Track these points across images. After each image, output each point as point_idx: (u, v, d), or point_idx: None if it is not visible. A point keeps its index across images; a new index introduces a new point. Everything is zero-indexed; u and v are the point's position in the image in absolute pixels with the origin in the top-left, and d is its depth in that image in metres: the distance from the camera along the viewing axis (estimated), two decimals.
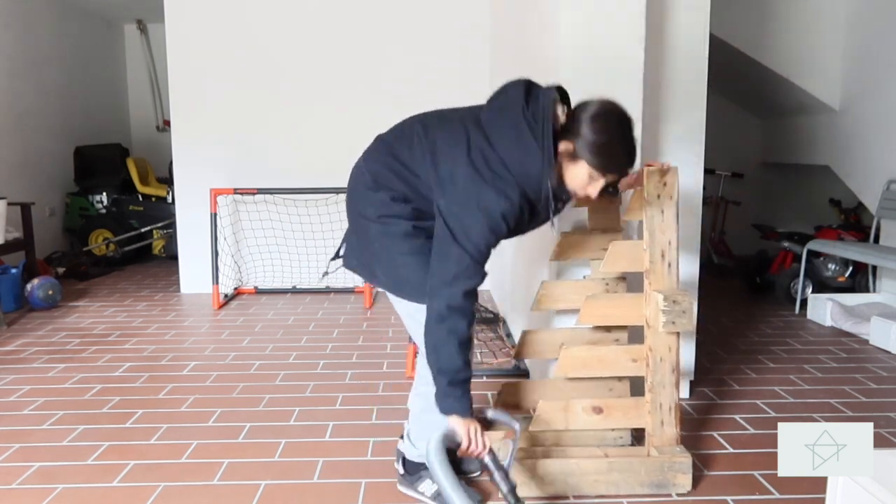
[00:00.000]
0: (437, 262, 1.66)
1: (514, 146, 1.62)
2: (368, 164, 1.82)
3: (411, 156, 1.73)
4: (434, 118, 1.79)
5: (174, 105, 4.79)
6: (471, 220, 1.62)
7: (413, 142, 1.74)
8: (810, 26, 4.39)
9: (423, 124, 1.77)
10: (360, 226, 1.83)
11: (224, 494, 1.97)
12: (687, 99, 2.60)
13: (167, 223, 5.65)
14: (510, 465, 1.76)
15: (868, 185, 4.20)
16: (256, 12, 4.70)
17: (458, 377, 1.67)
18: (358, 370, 3.06)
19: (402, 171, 1.74)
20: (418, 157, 1.72)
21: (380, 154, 1.80)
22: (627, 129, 1.63)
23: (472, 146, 1.66)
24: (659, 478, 1.96)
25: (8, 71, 5.21)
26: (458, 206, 1.64)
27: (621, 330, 2.20)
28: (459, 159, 1.65)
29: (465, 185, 1.63)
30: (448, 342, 1.64)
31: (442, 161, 1.68)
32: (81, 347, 3.43)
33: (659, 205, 1.99)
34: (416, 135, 1.74)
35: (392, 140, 1.81)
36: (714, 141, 3.53)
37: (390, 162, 1.76)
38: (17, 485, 2.02)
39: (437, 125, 1.75)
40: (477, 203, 1.62)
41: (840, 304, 3.82)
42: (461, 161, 1.65)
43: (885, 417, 2.53)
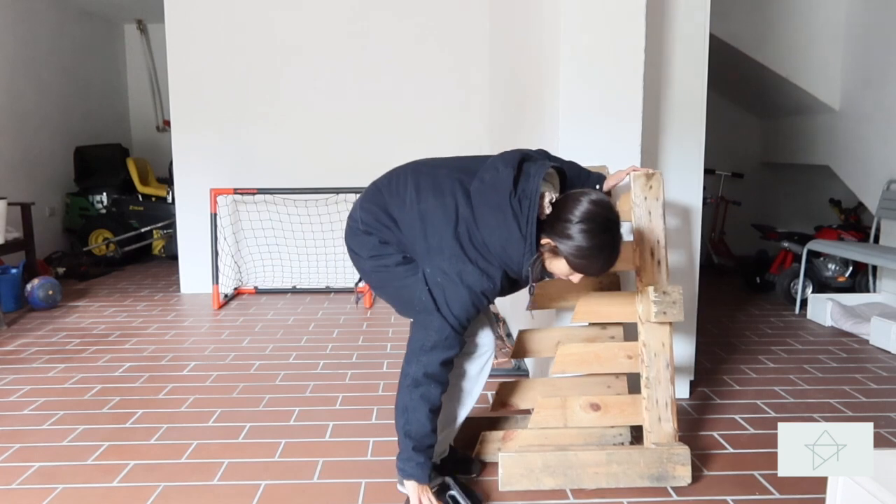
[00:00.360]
0: (417, 330, 1.72)
1: (497, 230, 1.64)
2: (363, 212, 1.86)
3: (401, 216, 1.78)
4: (427, 180, 1.79)
5: (174, 105, 4.78)
6: (454, 293, 1.68)
7: (405, 203, 1.78)
8: (810, 26, 4.39)
9: (417, 187, 1.79)
10: (356, 261, 1.90)
11: (224, 494, 1.97)
12: (687, 99, 2.60)
13: (167, 223, 5.65)
14: None
15: (868, 185, 4.20)
16: (256, 12, 4.70)
17: (424, 443, 1.71)
18: (358, 370, 3.07)
19: (392, 226, 1.80)
20: (408, 221, 1.76)
21: (373, 206, 1.84)
22: (614, 234, 1.61)
23: (460, 221, 1.70)
24: (658, 470, 1.97)
25: (8, 71, 5.21)
26: (443, 277, 1.68)
27: (616, 327, 2.21)
28: (446, 234, 1.69)
29: (451, 260, 1.68)
30: (420, 408, 1.69)
31: (431, 232, 1.72)
32: (81, 347, 3.43)
33: (646, 206, 2.07)
34: (409, 198, 1.77)
35: (386, 195, 1.84)
36: (714, 141, 3.54)
37: (381, 216, 1.81)
38: (17, 485, 2.02)
39: (430, 191, 1.76)
40: (461, 279, 1.67)
41: (840, 304, 3.82)
42: (448, 236, 1.69)
43: (885, 417, 2.53)
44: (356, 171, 4.76)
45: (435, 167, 1.83)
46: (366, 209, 1.85)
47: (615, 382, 2.20)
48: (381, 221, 1.80)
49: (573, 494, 1.95)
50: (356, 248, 1.86)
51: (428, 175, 1.80)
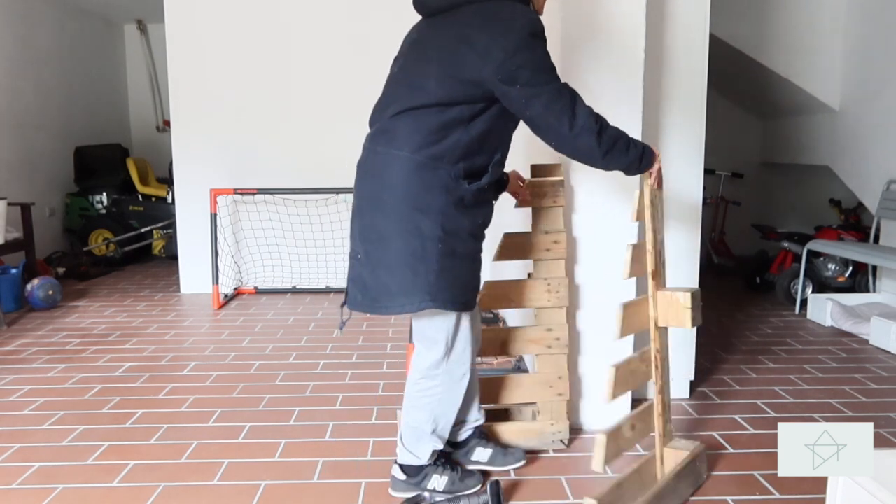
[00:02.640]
0: (549, 116, 1.65)
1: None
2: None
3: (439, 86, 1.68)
4: (409, 59, 1.80)
5: (174, 105, 4.79)
6: (526, 56, 1.62)
7: (429, 72, 1.70)
8: (810, 26, 4.39)
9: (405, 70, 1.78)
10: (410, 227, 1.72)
11: (224, 494, 1.97)
12: (687, 99, 2.60)
13: (167, 223, 5.65)
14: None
15: (868, 185, 4.20)
16: (256, 12, 4.70)
17: (630, 138, 1.75)
18: (358, 370, 3.07)
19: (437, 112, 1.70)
20: (444, 72, 1.67)
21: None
22: None
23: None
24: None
25: (8, 71, 5.21)
26: (511, 51, 1.61)
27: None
28: (475, 25, 1.65)
29: (499, 26, 1.63)
30: (613, 137, 1.70)
31: (466, 50, 1.64)
32: (81, 347, 3.43)
33: (656, 208, 2.01)
34: (426, 74, 1.70)
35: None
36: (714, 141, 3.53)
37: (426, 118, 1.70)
38: (17, 485, 2.02)
39: (420, 54, 1.76)
40: (518, 32, 1.62)
41: (840, 304, 3.82)
42: (476, 25, 1.65)
43: (885, 417, 2.53)
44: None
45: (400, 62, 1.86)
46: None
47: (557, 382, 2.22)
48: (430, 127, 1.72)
49: (572, 494, 1.95)
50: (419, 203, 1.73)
51: (403, 63, 1.83)
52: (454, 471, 1.97)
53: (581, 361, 2.38)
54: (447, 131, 1.68)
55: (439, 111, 1.67)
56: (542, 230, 2.20)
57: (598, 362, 2.37)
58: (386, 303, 1.74)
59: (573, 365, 2.37)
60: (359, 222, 1.79)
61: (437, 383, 1.87)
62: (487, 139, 1.74)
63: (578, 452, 2.23)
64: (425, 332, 1.85)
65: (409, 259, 1.69)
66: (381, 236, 1.72)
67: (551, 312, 2.21)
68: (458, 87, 1.66)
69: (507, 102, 1.68)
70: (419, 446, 1.92)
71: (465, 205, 1.73)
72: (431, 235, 1.69)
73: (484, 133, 1.72)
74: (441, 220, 1.69)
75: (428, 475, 1.93)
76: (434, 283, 1.70)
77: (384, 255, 1.72)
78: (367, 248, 1.76)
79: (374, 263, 1.74)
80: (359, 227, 1.79)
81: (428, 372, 1.87)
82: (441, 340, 1.83)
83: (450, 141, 1.68)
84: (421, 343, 1.88)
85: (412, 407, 1.92)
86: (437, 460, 1.96)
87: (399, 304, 1.72)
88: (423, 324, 1.84)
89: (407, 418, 1.94)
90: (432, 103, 1.67)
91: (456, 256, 1.73)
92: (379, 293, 1.75)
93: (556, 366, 2.22)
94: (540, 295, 2.20)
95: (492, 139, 1.76)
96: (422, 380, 1.89)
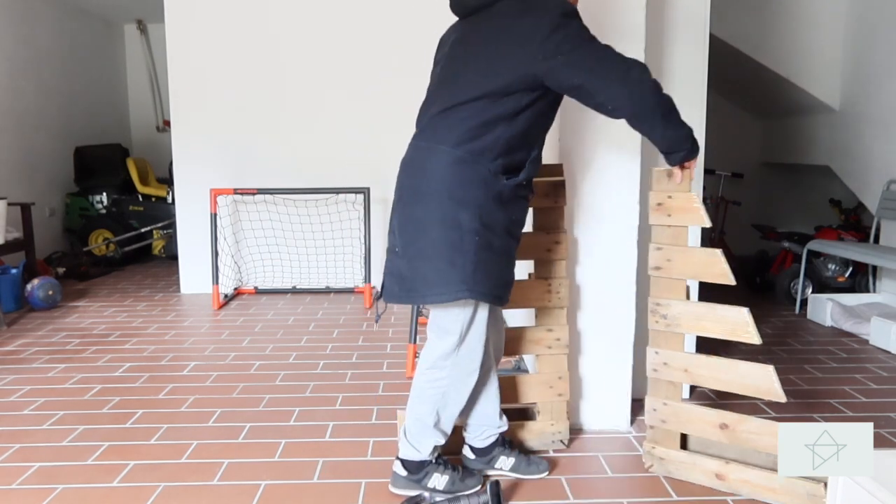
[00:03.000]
0: (598, 76, 1.66)
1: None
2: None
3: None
4: (448, 65, 1.82)
5: (174, 105, 4.79)
6: (563, 31, 1.65)
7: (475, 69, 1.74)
8: (810, 26, 4.39)
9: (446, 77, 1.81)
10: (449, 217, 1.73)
11: (224, 494, 1.97)
12: (687, 99, 2.59)
13: (167, 223, 5.65)
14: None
15: (868, 185, 4.20)
16: (256, 12, 4.70)
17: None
18: (358, 370, 3.07)
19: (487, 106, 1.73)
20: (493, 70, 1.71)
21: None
22: None
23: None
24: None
25: (8, 71, 5.21)
26: (548, 31, 1.64)
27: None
28: (511, 16, 1.68)
29: (533, 13, 1.66)
30: (670, 100, 1.74)
31: (506, 39, 1.68)
32: (81, 347, 3.43)
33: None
34: (469, 78, 1.74)
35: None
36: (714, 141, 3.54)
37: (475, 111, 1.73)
38: (17, 485, 2.02)
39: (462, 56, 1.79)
40: (551, 12, 1.65)
41: (840, 304, 3.82)
42: (512, 15, 1.68)
43: (885, 417, 2.53)
44: (356, 172, 4.77)
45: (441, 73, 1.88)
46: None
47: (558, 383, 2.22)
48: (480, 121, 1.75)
49: (572, 494, 1.95)
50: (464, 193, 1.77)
51: (443, 72, 1.86)
52: (455, 470, 1.97)
53: (581, 362, 2.38)
54: (490, 126, 1.71)
55: (484, 107, 1.70)
56: (542, 230, 2.20)
57: (598, 363, 2.37)
58: (423, 292, 1.75)
59: (573, 365, 2.37)
60: (398, 215, 1.82)
61: (445, 375, 1.87)
62: (528, 135, 1.78)
63: (578, 452, 2.23)
64: (441, 321, 1.85)
65: (448, 250, 1.71)
66: (420, 227, 1.74)
67: (552, 313, 2.21)
68: (503, 78, 1.69)
69: (554, 80, 1.69)
70: (421, 440, 1.92)
71: (502, 200, 1.76)
72: (470, 228, 1.71)
73: (526, 129, 1.76)
74: (479, 213, 1.72)
75: (429, 473, 1.93)
76: (471, 274, 1.72)
77: (422, 246, 1.74)
78: (405, 239, 1.78)
79: (412, 254, 1.76)
80: (398, 219, 1.81)
81: (437, 362, 1.87)
82: (455, 332, 1.83)
83: (492, 136, 1.71)
84: (434, 333, 1.89)
85: (417, 398, 1.93)
86: (439, 458, 1.97)
87: (436, 294, 1.73)
88: (440, 313, 1.84)
89: (412, 410, 1.94)
90: (477, 96, 1.70)
91: (492, 250, 1.76)
92: (416, 283, 1.76)
93: (557, 366, 2.22)
94: (540, 295, 2.19)
95: (532, 135, 1.80)
96: (429, 370, 1.89)
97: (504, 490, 1.93)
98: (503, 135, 1.72)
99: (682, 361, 2.02)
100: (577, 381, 2.39)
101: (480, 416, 2.02)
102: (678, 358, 2.02)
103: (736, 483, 1.94)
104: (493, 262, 1.76)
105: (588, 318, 2.36)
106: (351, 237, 4.83)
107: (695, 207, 1.94)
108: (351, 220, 4.80)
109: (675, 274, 1.99)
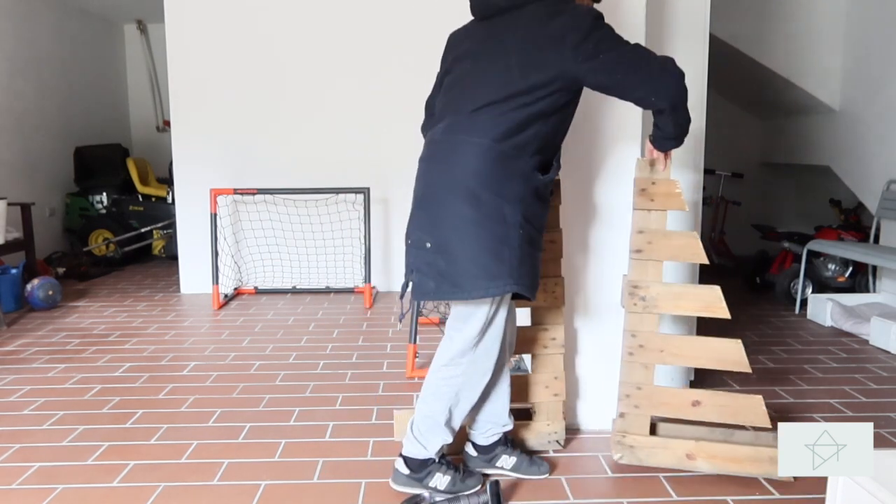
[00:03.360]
0: (637, 68, 1.73)
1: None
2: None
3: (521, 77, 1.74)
4: (468, 70, 1.84)
5: (174, 105, 4.79)
6: (598, 34, 1.70)
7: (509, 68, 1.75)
8: (810, 26, 4.39)
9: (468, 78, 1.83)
10: (489, 212, 1.75)
11: (224, 494, 1.97)
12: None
13: (167, 223, 5.65)
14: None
15: (868, 185, 4.20)
16: (256, 12, 4.70)
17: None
18: (358, 370, 3.06)
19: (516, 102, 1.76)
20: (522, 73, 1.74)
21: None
22: None
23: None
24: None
25: (8, 71, 5.21)
26: (585, 34, 1.69)
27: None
28: (543, 20, 1.72)
29: (566, 17, 1.71)
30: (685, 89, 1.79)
31: (542, 41, 1.72)
32: (81, 348, 3.43)
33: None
34: (507, 73, 1.75)
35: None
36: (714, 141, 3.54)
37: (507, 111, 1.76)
38: (17, 485, 2.02)
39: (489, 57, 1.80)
40: (584, 17, 1.70)
41: (840, 304, 3.82)
42: (544, 19, 1.72)
43: (885, 417, 2.53)
44: (356, 172, 4.77)
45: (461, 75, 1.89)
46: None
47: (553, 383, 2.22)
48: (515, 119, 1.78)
49: (572, 494, 1.95)
50: (500, 189, 1.79)
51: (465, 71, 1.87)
52: (457, 471, 1.97)
53: (578, 362, 2.38)
54: (530, 123, 1.74)
55: (523, 104, 1.73)
56: None
57: (596, 363, 2.37)
58: (467, 287, 1.74)
59: (570, 365, 2.37)
60: (432, 210, 1.79)
61: (460, 372, 1.88)
62: (558, 134, 1.84)
63: (578, 452, 2.23)
64: (463, 318, 1.85)
65: (495, 244, 1.72)
66: (464, 222, 1.73)
67: (547, 312, 2.21)
68: (540, 78, 1.72)
69: (593, 79, 1.74)
70: (430, 437, 1.92)
71: (538, 195, 1.81)
72: (514, 222, 1.74)
73: (557, 127, 1.81)
74: (522, 207, 1.75)
75: (432, 473, 1.93)
76: (517, 268, 1.75)
77: (465, 240, 1.73)
78: (444, 234, 1.76)
79: (453, 250, 1.74)
80: (430, 215, 1.79)
81: (454, 359, 1.87)
82: (476, 329, 1.84)
83: (531, 132, 1.75)
84: (454, 330, 1.88)
85: (430, 395, 1.92)
86: (442, 458, 1.97)
87: (482, 288, 1.73)
88: (464, 310, 1.84)
89: (423, 407, 1.94)
90: (514, 94, 1.72)
91: (532, 245, 1.80)
92: (459, 278, 1.74)
93: (553, 366, 2.22)
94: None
95: (560, 134, 1.86)
96: (445, 367, 1.89)
97: (504, 490, 1.93)
98: (540, 132, 1.76)
99: (659, 342, 2.08)
100: (575, 382, 2.39)
101: (489, 414, 2.03)
102: (655, 339, 2.08)
103: (704, 461, 2.04)
104: (533, 255, 1.81)
105: (585, 317, 2.36)
106: (351, 237, 4.83)
107: (676, 193, 2.05)
108: (351, 220, 4.80)
109: (655, 256, 2.07)
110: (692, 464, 2.05)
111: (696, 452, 2.04)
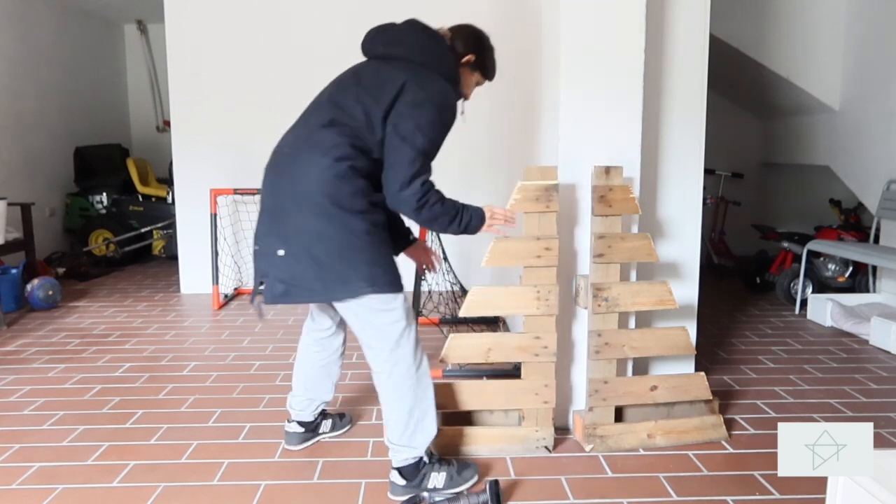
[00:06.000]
0: (395, 170, 1.83)
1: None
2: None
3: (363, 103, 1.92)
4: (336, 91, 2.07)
5: (174, 105, 4.79)
6: (418, 112, 1.82)
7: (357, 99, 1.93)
8: (810, 26, 4.39)
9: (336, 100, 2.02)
10: (337, 223, 1.86)
11: (224, 494, 1.97)
12: (687, 99, 2.60)
13: (167, 223, 5.65)
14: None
15: (868, 185, 4.20)
16: (256, 12, 4.70)
17: (462, 215, 1.92)
18: (357, 370, 3.06)
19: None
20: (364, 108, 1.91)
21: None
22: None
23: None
24: None
25: (8, 71, 5.21)
26: (410, 101, 1.84)
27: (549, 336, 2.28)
28: (403, 73, 1.90)
29: (419, 80, 1.88)
30: (440, 212, 1.87)
31: (387, 86, 1.88)
32: (81, 348, 3.43)
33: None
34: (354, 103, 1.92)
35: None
36: (714, 141, 3.53)
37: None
38: (17, 485, 2.02)
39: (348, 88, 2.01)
40: (428, 91, 1.86)
41: (840, 305, 3.82)
42: (403, 74, 1.89)
43: (885, 417, 2.53)
44: None
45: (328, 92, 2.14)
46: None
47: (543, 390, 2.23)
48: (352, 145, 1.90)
49: (573, 494, 1.95)
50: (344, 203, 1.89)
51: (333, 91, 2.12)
52: (450, 465, 1.97)
53: (573, 370, 2.39)
54: (363, 150, 1.87)
55: (359, 133, 1.87)
56: (533, 236, 2.17)
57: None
58: (322, 291, 1.88)
59: (565, 372, 2.38)
60: (286, 222, 1.90)
61: (399, 370, 1.93)
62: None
63: (579, 452, 2.23)
64: (374, 326, 1.92)
65: (345, 252, 1.83)
66: (319, 234, 1.83)
67: (540, 320, 2.19)
68: (371, 116, 1.86)
69: (385, 139, 1.86)
70: (414, 436, 1.92)
71: (380, 206, 1.92)
72: (360, 231, 1.84)
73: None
74: (368, 217, 1.86)
75: (426, 475, 1.93)
76: (370, 270, 1.85)
77: (321, 250, 1.83)
78: (301, 242, 1.85)
79: (309, 257, 1.84)
80: (284, 227, 1.90)
81: (387, 360, 1.93)
82: (391, 330, 1.92)
83: (366, 158, 1.87)
84: (372, 336, 1.95)
85: (392, 400, 1.94)
86: (431, 456, 1.97)
87: (339, 291, 1.86)
88: (367, 319, 1.91)
89: (394, 413, 1.93)
90: (354, 125, 1.88)
91: (383, 245, 1.91)
92: (314, 283, 1.85)
93: (544, 374, 2.21)
94: (529, 302, 2.17)
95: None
96: (381, 372, 1.95)
97: (503, 490, 1.93)
98: (371, 158, 1.88)
99: (623, 338, 2.25)
100: (569, 389, 2.40)
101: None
102: (619, 335, 2.25)
103: (661, 437, 2.27)
104: (387, 255, 1.93)
105: (579, 324, 2.36)
106: None
107: (630, 198, 2.20)
108: None
109: (615, 259, 2.21)
110: (652, 441, 2.26)
111: (654, 432, 2.27)
